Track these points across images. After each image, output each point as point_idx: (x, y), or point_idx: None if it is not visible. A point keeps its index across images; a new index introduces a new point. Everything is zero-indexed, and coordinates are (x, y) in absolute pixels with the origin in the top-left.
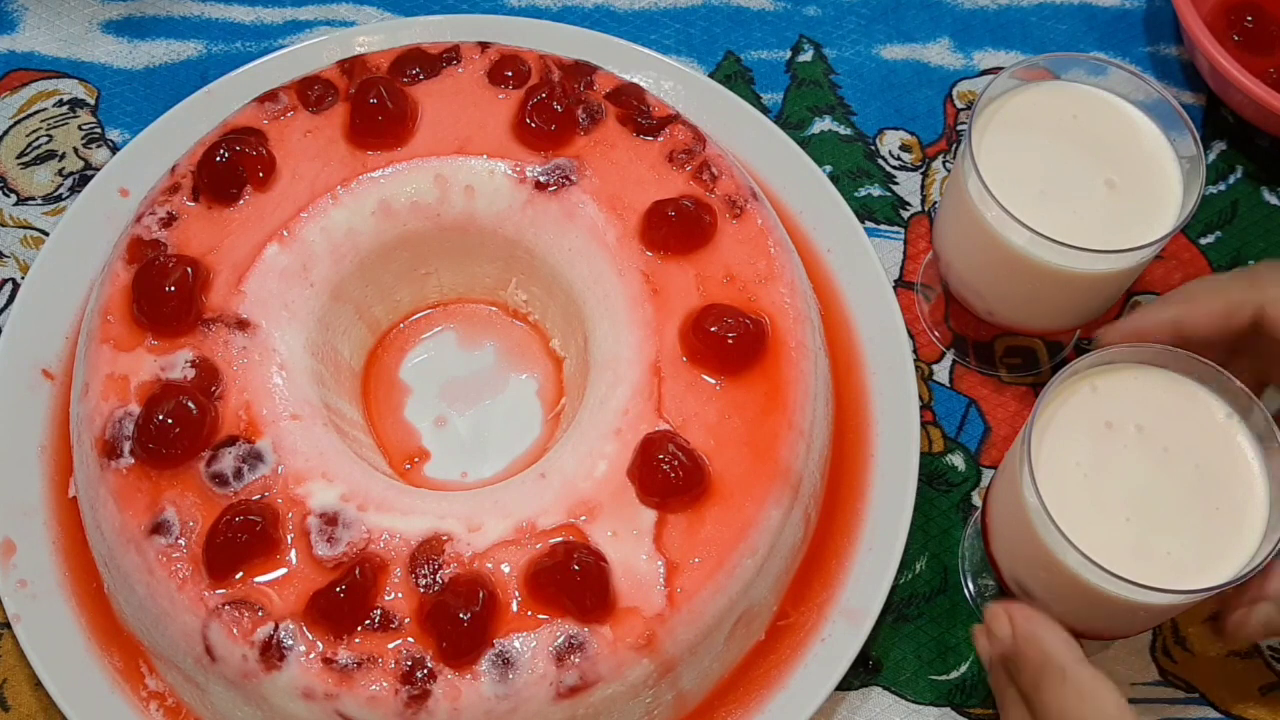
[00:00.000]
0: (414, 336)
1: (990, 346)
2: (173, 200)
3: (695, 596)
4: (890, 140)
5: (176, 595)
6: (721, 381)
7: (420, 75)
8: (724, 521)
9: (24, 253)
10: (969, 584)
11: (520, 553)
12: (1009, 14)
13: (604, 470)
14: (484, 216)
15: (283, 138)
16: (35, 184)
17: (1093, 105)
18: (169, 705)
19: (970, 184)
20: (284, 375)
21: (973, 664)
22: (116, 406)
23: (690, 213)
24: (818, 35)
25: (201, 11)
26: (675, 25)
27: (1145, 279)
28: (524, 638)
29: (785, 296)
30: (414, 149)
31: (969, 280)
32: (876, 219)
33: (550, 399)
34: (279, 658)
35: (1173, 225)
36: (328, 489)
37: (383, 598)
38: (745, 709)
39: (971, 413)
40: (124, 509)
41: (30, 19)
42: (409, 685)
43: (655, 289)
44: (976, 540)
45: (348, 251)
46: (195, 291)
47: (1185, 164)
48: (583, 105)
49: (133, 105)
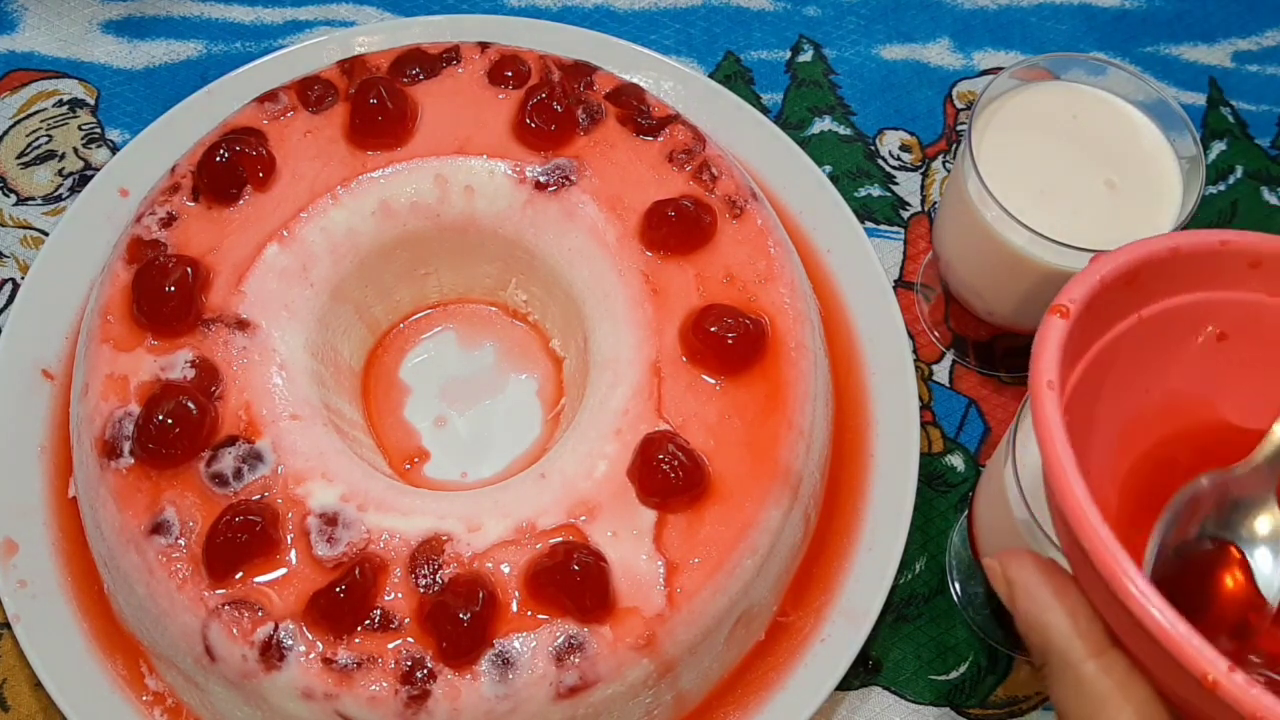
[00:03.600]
0: (414, 336)
1: (990, 346)
2: (173, 200)
3: (695, 597)
4: (890, 140)
5: (176, 595)
6: (721, 382)
7: (420, 75)
8: (724, 521)
9: (24, 253)
10: (956, 588)
11: (520, 553)
12: (1009, 14)
13: (604, 470)
14: (484, 216)
15: (283, 138)
16: (35, 184)
17: (1093, 105)
18: (169, 705)
19: (970, 184)
20: (284, 375)
21: (972, 664)
22: (116, 407)
23: (690, 213)
24: (818, 35)
25: (201, 11)
26: (675, 25)
27: None
28: (524, 638)
29: (785, 296)
30: (414, 149)
31: (969, 280)
32: (876, 219)
33: (550, 399)
34: (279, 658)
35: (1172, 225)
36: (328, 489)
37: (383, 598)
38: (745, 709)
39: (971, 413)
40: (124, 509)
41: (30, 19)
42: (409, 685)
43: (655, 289)
44: (964, 546)
45: (347, 251)
46: (195, 291)
47: (1185, 164)
48: (583, 105)
49: (133, 105)
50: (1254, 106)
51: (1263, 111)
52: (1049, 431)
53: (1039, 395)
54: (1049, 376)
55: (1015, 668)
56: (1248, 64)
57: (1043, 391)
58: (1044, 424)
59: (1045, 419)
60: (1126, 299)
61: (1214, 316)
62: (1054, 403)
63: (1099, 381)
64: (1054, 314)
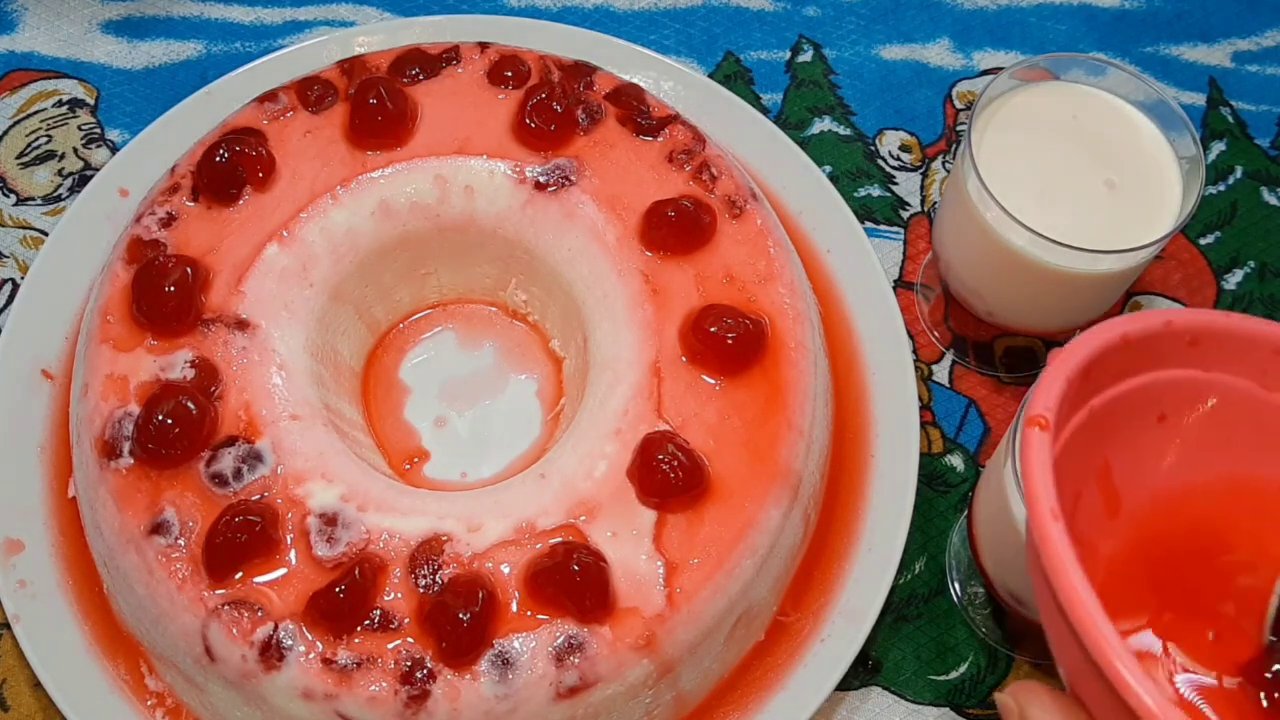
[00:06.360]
0: (414, 336)
1: (990, 346)
2: (172, 200)
3: (695, 597)
4: (890, 140)
5: (176, 595)
6: (721, 382)
7: (420, 75)
8: (724, 522)
9: (24, 253)
10: (956, 589)
11: (520, 553)
12: (1009, 14)
13: (604, 470)
14: (484, 217)
15: (282, 138)
16: (35, 184)
17: (1093, 105)
18: (169, 706)
19: (970, 184)
20: (283, 375)
21: (971, 664)
22: (116, 407)
23: (690, 213)
24: (817, 35)
25: (201, 11)
26: (675, 25)
27: (1145, 279)
28: (523, 638)
29: (785, 297)
30: (414, 149)
31: (969, 281)
32: (876, 219)
33: (550, 399)
34: (278, 658)
35: (1172, 225)
36: (327, 489)
37: (382, 598)
38: (745, 709)
39: (971, 413)
40: (123, 509)
41: (30, 19)
42: (409, 685)
43: (655, 289)
44: (964, 547)
45: (347, 252)
46: (195, 291)
47: (1185, 164)
48: (582, 105)
49: (132, 105)
50: (1254, 106)
51: (1262, 111)
52: (1059, 562)
53: (1043, 525)
54: (1051, 504)
55: (1015, 668)
56: (1248, 64)
57: (1047, 522)
58: (1052, 554)
59: (1053, 548)
60: (1082, 390)
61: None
62: (1061, 531)
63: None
64: (1033, 427)
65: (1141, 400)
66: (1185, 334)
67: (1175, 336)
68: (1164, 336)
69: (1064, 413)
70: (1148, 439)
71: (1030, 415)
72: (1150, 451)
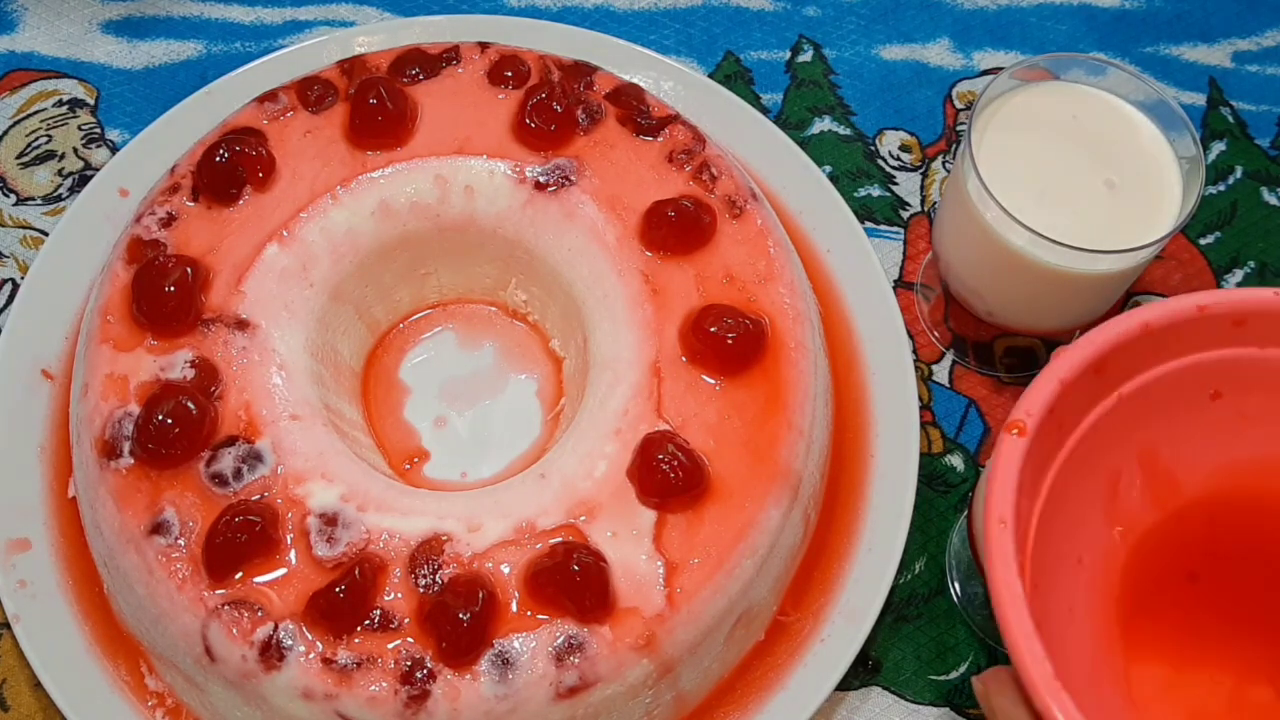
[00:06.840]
0: (414, 336)
1: (990, 347)
2: (172, 200)
3: (695, 597)
4: (890, 140)
5: (176, 595)
6: (721, 382)
7: (420, 75)
8: (724, 522)
9: (24, 253)
10: (956, 589)
11: (520, 553)
12: (1009, 14)
13: (604, 470)
14: (484, 217)
15: (282, 138)
16: (35, 184)
17: (1092, 105)
18: (169, 706)
19: (970, 184)
20: (283, 375)
21: (971, 664)
22: (116, 407)
23: (690, 213)
24: (817, 35)
25: (201, 11)
26: (675, 25)
27: (1145, 279)
28: (523, 638)
29: (785, 297)
30: (414, 149)
31: (969, 281)
32: (876, 219)
33: (550, 399)
34: (278, 658)
35: (1172, 225)
36: (327, 489)
37: (382, 598)
38: (745, 709)
39: (971, 413)
40: (123, 509)
41: (30, 19)
42: (409, 685)
43: (655, 289)
44: (964, 547)
45: (347, 251)
46: (195, 291)
47: (1185, 164)
48: (582, 105)
49: (132, 105)
50: (1254, 107)
51: (1262, 112)
52: (1000, 570)
53: (991, 533)
54: (1001, 513)
55: None
56: (1248, 64)
57: (994, 529)
58: (996, 559)
59: (997, 555)
60: (1097, 386)
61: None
62: (1009, 540)
63: (1076, 480)
64: (1009, 431)
65: (1188, 381)
66: (1228, 316)
67: (1215, 320)
68: (1199, 321)
69: (1075, 409)
70: (1200, 418)
71: (1010, 420)
72: (1204, 429)
